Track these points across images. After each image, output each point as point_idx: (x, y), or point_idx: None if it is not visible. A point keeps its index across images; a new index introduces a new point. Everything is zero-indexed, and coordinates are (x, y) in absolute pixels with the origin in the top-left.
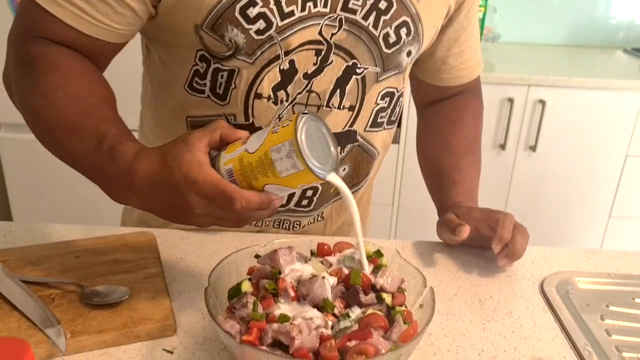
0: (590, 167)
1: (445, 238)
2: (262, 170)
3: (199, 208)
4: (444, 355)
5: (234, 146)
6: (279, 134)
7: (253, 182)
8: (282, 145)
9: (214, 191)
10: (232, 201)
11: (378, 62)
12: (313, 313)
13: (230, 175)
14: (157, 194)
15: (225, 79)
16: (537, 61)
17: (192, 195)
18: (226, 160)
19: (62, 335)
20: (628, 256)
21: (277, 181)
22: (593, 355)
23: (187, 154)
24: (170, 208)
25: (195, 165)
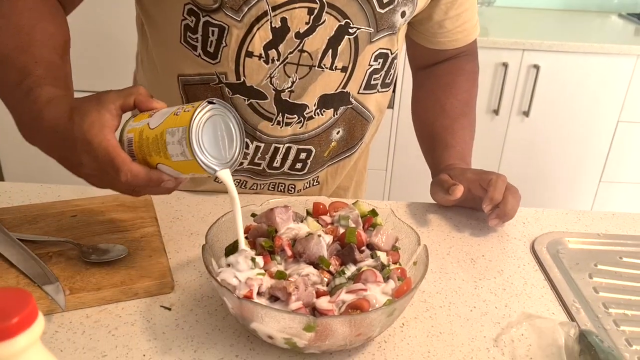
0: (583, 132)
1: (439, 198)
2: (155, 148)
3: (88, 169)
4: (436, 312)
5: (142, 116)
6: (178, 118)
7: (147, 158)
8: (177, 129)
9: (104, 157)
10: (119, 172)
11: (371, 22)
12: (309, 270)
13: (130, 145)
14: (56, 144)
15: (216, 37)
16: (532, 26)
17: (84, 155)
18: (130, 128)
19: (61, 292)
20: (617, 217)
21: (168, 163)
22: (581, 311)
23: (94, 112)
24: (66, 161)
25: (96, 127)
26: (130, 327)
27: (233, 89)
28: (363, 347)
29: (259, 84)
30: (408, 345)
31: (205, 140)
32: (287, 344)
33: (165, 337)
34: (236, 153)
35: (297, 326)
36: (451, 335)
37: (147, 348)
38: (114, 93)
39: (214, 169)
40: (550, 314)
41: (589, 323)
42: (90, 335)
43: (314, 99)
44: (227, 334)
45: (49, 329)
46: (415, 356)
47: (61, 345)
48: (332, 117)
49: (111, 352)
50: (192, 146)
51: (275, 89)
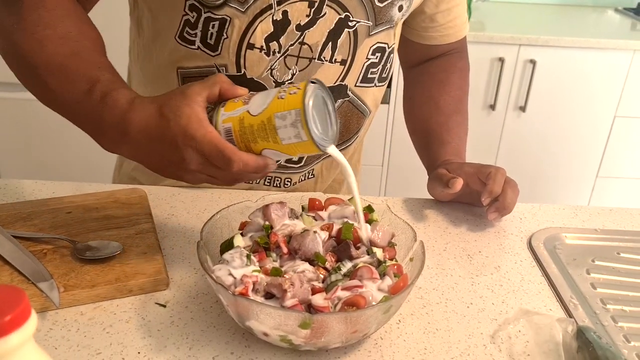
0: (579, 127)
1: (437, 192)
2: (263, 134)
3: (194, 165)
4: (433, 308)
5: (234, 104)
6: (286, 101)
7: (252, 145)
8: (288, 113)
9: (212, 150)
10: (230, 162)
11: (370, 15)
12: (305, 266)
13: (229, 134)
14: (151, 146)
15: (217, 29)
16: (528, 20)
17: (189, 151)
18: (225, 118)
19: (55, 289)
20: (614, 212)
21: (277, 147)
22: (578, 307)
23: (185, 107)
24: (164, 162)
25: (194, 120)
26: (125, 325)
27: (233, 81)
28: (359, 344)
29: (260, 76)
30: (404, 342)
31: (314, 120)
32: (283, 341)
33: (160, 334)
34: (335, 128)
35: (293, 323)
36: (448, 332)
37: (142, 345)
38: (198, 85)
39: (325, 146)
40: (547, 310)
41: (586, 319)
42: (84, 333)
43: None
44: (223, 331)
45: (43, 326)
46: (411, 353)
47: (55, 343)
48: None
49: (106, 349)
50: (309, 127)
51: (276, 81)
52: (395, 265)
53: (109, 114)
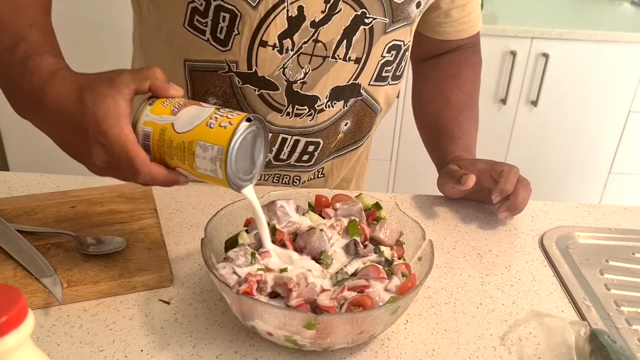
0: (592, 122)
1: (448, 190)
2: (180, 155)
3: (99, 161)
4: (441, 308)
5: (162, 109)
6: (213, 132)
7: (166, 158)
8: (211, 146)
9: (121, 154)
10: (137, 173)
11: (387, 12)
12: (311, 265)
13: (146, 138)
14: (62, 127)
15: (227, 24)
16: (541, 13)
17: (97, 146)
18: (148, 120)
19: (58, 285)
20: (629, 211)
21: (190, 172)
22: (591, 309)
23: (108, 97)
24: (71, 147)
25: (112, 115)
26: (129, 321)
27: (243, 79)
28: (365, 345)
29: (271, 74)
30: (412, 343)
31: (238, 159)
32: (288, 341)
33: (164, 331)
34: (260, 165)
35: (298, 324)
36: (456, 333)
37: (145, 343)
38: (128, 75)
39: (240, 186)
40: (559, 311)
41: (600, 322)
42: (87, 330)
43: (326, 91)
44: (227, 330)
45: (46, 322)
46: (419, 354)
47: (58, 339)
48: (342, 109)
49: (109, 346)
50: (227, 168)
51: (288, 79)
52: (403, 265)
53: (26, 80)
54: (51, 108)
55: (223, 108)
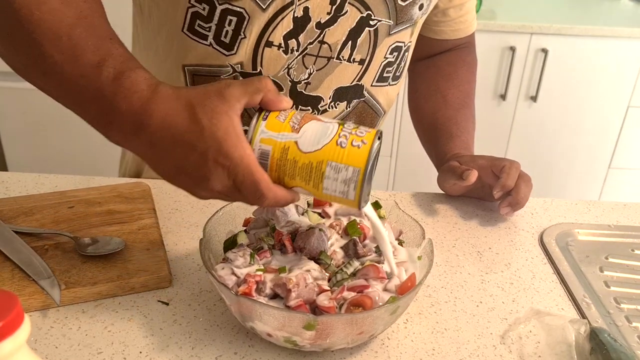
0: (591, 118)
1: (448, 186)
2: (305, 175)
3: (219, 186)
4: (441, 307)
5: (279, 125)
6: (346, 152)
7: (286, 178)
8: (345, 168)
9: (245, 178)
10: (262, 197)
11: (392, 14)
12: (310, 265)
13: (264, 157)
14: (172, 150)
15: (234, 27)
16: (540, 9)
17: (219, 171)
18: (266, 137)
19: (56, 286)
20: (628, 208)
21: (313, 192)
22: (591, 307)
23: (224, 115)
24: (182, 171)
25: (233, 136)
26: (127, 323)
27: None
28: (365, 345)
29: (276, 74)
30: (412, 343)
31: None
32: (287, 342)
33: (163, 333)
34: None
35: (297, 324)
36: (457, 332)
37: (144, 345)
38: (238, 88)
39: (364, 206)
40: (559, 309)
41: (600, 319)
42: (85, 331)
43: (329, 92)
44: (226, 330)
45: (44, 324)
46: (419, 354)
47: (56, 342)
48: (344, 110)
49: (107, 348)
50: (362, 191)
51: (292, 80)
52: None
53: (123, 99)
54: (158, 128)
55: (346, 123)
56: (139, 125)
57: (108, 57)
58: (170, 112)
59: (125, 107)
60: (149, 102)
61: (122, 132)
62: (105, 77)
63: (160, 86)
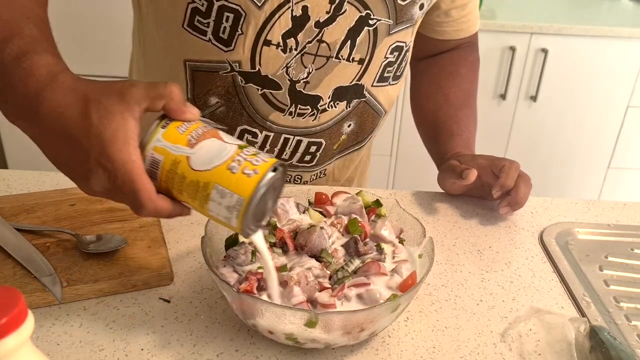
0: (591, 117)
1: (448, 184)
2: (192, 193)
3: (98, 187)
4: (442, 305)
5: (177, 136)
6: (235, 179)
7: (174, 192)
8: (230, 195)
9: (125, 182)
10: (141, 207)
11: (391, 14)
12: (311, 263)
13: (154, 166)
14: (58, 141)
15: (231, 23)
16: (540, 9)
17: (99, 171)
18: (159, 146)
19: (58, 284)
20: (628, 207)
21: (200, 211)
22: (591, 305)
23: (117, 115)
24: (66, 165)
25: (120, 139)
26: (129, 320)
27: (247, 78)
28: (366, 342)
29: (275, 73)
30: (412, 340)
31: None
32: (288, 339)
33: (164, 330)
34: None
35: (299, 322)
36: (457, 330)
37: (146, 342)
38: (140, 90)
39: (250, 234)
40: (559, 307)
41: (599, 318)
42: (87, 329)
43: (329, 91)
44: (227, 328)
45: (46, 321)
46: (419, 351)
47: (58, 339)
48: (344, 110)
49: (109, 345)
50: (244, 220)
51: (291, 79)
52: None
53: (20, 81)
54: (48, 117)
55: (247, 147)
56: (30, 109)
57: (16, 35)
58: (63, 103)
59: (20, 88)
60: (44, 88)
61: (15, 112)
62: (7, 55)
63: (62, 75)
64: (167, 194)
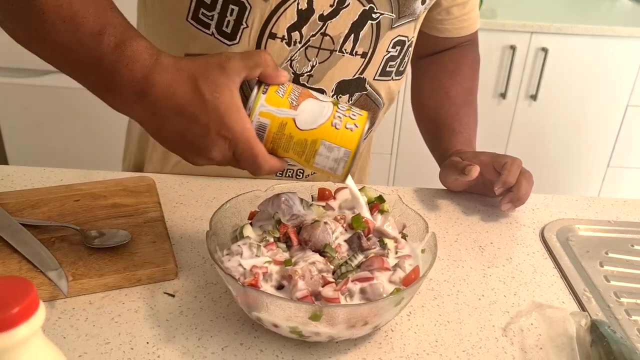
0: (591, 116)
1: (450, 181)
2: (299, 150)
3: (219, 156)
4: (444, 300)
5: (278, 99)
6: (340, 134)
7: (279, 150)
8: (337, 148)
9: (245, 149)
10: (259, 168)
11: (394, 7)
12: (315, 258)
13: (262, 130)
14: (174, 120)
15: (235, 17)
16: (540, 8)
17: (220, 142)
18: (265, 111)
19: (63, 278)
20: (628, 204)
21: (303, 164)
22: (592, 301)
23: (225, 88)
24: (182, 140)
25: (234, 110)
26: (134, 314)
27: None
28: (369, 336)
29: (279, 66)
30: (415, 334)
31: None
32: (293, 332)
33: (169, 324)
34: None
35: (303, 315)
36: (459, 325)
37: (151, 335)
38: (238, 61)
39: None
40: (560, 303)
41: (600, 313)
42: (93, 322)
43: (332, 84)
44: (232, 322)
45: (52, 315)
46: (422, 345)
47: (64, 332)
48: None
49: (114, 339)
50: (350, 169)
51: (295, 72)
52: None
53: (125, 68)
54: (161, 98)
55: (339, 103)
56: (141, 93)
57: (108, 26)
58: (173, 83)
59: (127, 75)
60: (152, 71)
61: (123, 99)
62: (106, 46)
63: (162, 56)
64: (272, 152)
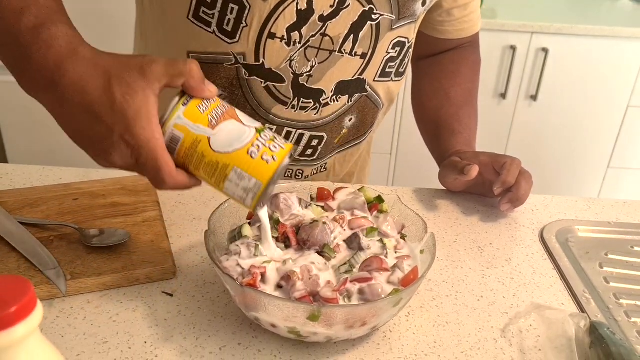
0: (591, 117)
1: (450, 181)
2: (209, 171)
3: (120, 161)
4: (443, 301)
5: (198, 115)
6: (254, 164)
7: (191, 167)
8: (249, 178)
9: (148, 160)
10: (162, 182)
11: (394, 9)
12: (314, 258)
13: (174, 143)
14: (80, 115)
15: (235, 16)
16: (541, 8)
17: (122, 146)
18: (180, 124)
19: (62, 277)
20: (628, 205)
21: (214, 186)
22: (591, 302)
23: (140, 92)
24: (87, 140)
25: (143, 117)
26: (132, 314)
27: (250, 71)
28: (368, 337)
29: (278, 66)
30: (414, 335)
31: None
32: (291, 333)
33: (167, 324)
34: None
35: (301, 315)
36: (458, 325)
37: (149, 335)
38: (161, 67)
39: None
40: (559, 304)
41: (599, 314)
42: (91, 321)
43: (331, 85)
44: (230, 322)
45: (50, 314)
46: (421, 346)
47: (62, 331)
48: (346, 104)
49: (112, 338)
50: (259, 203)
51: (294, 72)
52: (405, 257)
53: (38, 51)
54: (69, 90)
55: (264, 131)
56: (50, 81)
57: (32, 6)
58: (85, 77)
59: (39, 59)
60: (65, 60)
61: (33, 83)
62: (25, 25)
63: (82, 47)
64: (183, 168)
